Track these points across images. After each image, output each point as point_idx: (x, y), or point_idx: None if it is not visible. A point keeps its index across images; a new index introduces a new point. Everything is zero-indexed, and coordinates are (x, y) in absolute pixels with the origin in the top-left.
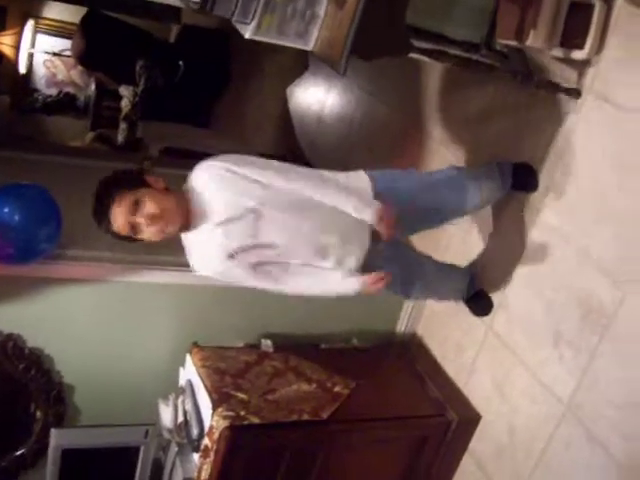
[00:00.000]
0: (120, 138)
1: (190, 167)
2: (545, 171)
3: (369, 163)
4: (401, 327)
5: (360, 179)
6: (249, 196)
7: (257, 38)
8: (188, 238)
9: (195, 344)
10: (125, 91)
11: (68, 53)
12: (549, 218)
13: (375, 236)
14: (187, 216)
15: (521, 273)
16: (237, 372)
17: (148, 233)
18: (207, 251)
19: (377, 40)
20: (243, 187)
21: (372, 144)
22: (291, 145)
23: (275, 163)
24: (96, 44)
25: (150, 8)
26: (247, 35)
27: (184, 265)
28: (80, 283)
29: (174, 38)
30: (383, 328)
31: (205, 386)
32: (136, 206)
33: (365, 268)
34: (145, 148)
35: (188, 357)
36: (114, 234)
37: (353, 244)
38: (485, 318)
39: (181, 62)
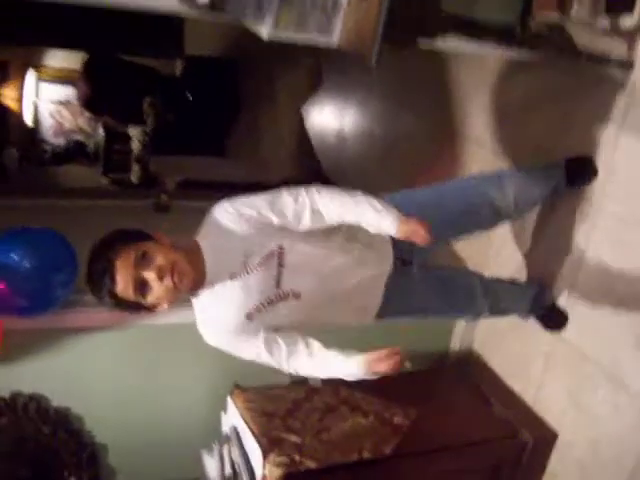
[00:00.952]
0: (134, 179)
1: (209, 199)
2: (601, 157)
3: (400, 176)
4: (455, 345)
5: None
6: (270, 236)
7: (276, 36)
8: (199, 301)
9: (236, 386)
10: (134, 131)
11: (74, 101)
12: (611, 206)
13: (405, 260)
14: (199, 272)
15: (587, 271)
16: (286, 412)
17: (159, 291)
18: (221, 313)
19: (409, 25)
20: (262, 227)
21: (401, 156)
22: (313, 168)
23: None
24: (101, 87)
25: (150, 45)
26: (265, 35)
27: None
28: (103, 330)
29: (179, 71)
30: (436, 347)
31: (252, 431)
32: (143, 260)
33: (398, 297)
34: (161, 183)
35: (230, 400)
36: (117, 299)
37: (379, 274)
38: None
39: (189, 94)
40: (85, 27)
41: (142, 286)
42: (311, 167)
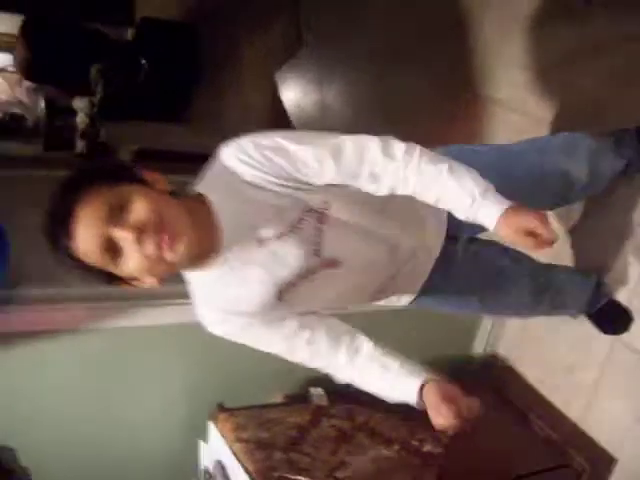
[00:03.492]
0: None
1: (173, 170)
2: None
3: None
4: (479, 349)
5: None
6: (309, 188)
7: None
8: (201, 279)
9: (220, 406)
10: (80, 103)
11: (11, 68)
12: None
13: (450, 234)
14: (208, 236)
15: None
16: (288, 442)
17: (135, 260)
18: (240, 292)
19: None
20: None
21: (403, 122)
22: None
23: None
24: (42, 53)
25: (94, 10)
26: None
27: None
28: (42, 336)
29: (132, 35)
30: (457, 353)
31: (245, 469)
32: (120, 212)
33: (438, 279)
34: (112, 152)
35: (212, 426)
36: (81, 263)
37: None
38: None
39: (144, 60)
40: None
41: (114, 249)
42: None
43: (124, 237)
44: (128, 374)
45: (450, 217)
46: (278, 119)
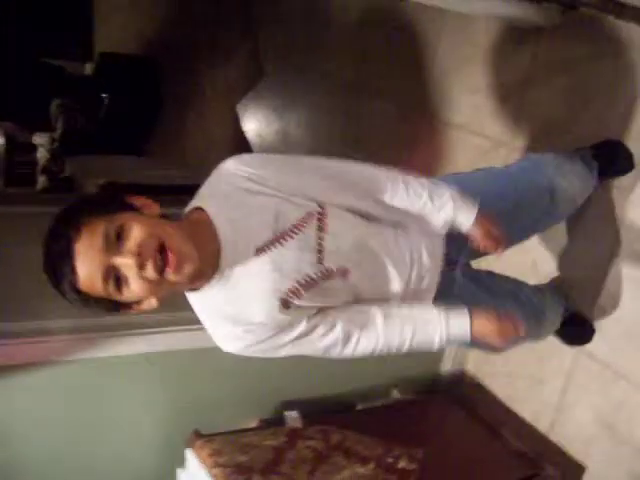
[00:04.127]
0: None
1: None
2: (633, 138)
3: None
4: (447, 366)
5: None
6: (311, 188)
7: None
8: (204, 298)
9: (197, 433)
10: (40, 139)
11: None
12: None
13: (450, 258)
14: (208, 253)
15: (622, 274)
16: (266, 465)
17: (138, 286)
18: (244, 305)
19: None
20: (303, 178)
21: (367, 153)
22: None
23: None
24: (1, 89)
25: (52, 46)
26: None
27: (167, 323)
28: (21, 369)
29: (91, 70)
30: (425, 370)
31: None
32: (117, 240)
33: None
34: (78, 187)
35: (189, 453)
36: (83, 295)
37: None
38: None
39: (104, 94)
40: None
41: (116, 277)
42: None
43: (125, 263)
44: (105, 403)
45: (448, 242)
46: (240, 149)
